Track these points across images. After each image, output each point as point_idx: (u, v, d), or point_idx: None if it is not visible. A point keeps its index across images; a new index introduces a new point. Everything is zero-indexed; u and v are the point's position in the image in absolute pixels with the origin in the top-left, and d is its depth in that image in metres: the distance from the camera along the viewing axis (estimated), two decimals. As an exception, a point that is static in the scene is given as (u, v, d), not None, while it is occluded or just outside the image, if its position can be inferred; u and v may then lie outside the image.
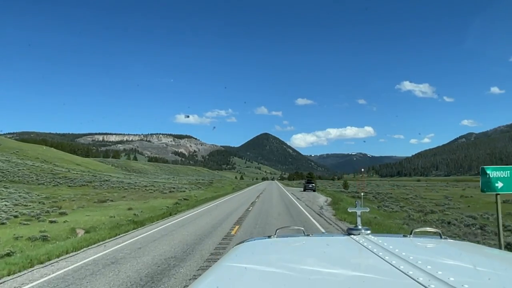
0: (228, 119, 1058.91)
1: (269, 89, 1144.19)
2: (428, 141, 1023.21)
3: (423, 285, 1.08)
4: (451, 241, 2.01)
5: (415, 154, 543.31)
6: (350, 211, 2.32)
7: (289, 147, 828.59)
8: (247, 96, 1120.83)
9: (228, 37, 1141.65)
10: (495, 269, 1.43)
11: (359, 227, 1.96)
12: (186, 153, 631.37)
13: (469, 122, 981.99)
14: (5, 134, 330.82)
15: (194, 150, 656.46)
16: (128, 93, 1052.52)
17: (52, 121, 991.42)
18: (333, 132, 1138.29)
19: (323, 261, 1.58)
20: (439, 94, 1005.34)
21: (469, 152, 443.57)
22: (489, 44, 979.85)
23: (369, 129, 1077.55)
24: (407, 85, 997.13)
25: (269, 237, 2.06)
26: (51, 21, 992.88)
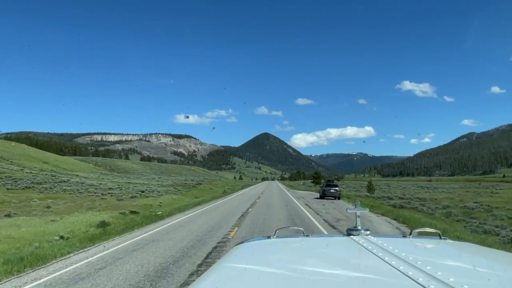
0: (228, 119, 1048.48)
1: (269, 89, 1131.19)
2: (428, 140, 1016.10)
3: (422, 286, 1.08)
4: (451, 241, 2.00)
5: (417, 153, 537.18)
6: (349, 211, 2.19)
7: (290, 147, 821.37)
8: (247, 96, 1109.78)
9: (228, 37, 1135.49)
10: (494, 269, 1.43)
11: (359, 228, 1.93)
12: (185, 153, 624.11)
13: (469, 122, 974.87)
14: (3, 134, 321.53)
15: (193, 150, 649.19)
16: (128, 94, 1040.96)
17: (51, 121, 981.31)
18: (333, 132, 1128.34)
19: (323, 261, 1.59)
20: (439, 93, 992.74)
21: (472, 151, 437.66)
22: (489, 43, 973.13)
23: (369, 129, 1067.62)
24: (407, 85, 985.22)
25: (268, 237, 2.04)
26: (51, 22, 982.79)
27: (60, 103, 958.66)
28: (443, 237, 1.94)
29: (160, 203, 23.78)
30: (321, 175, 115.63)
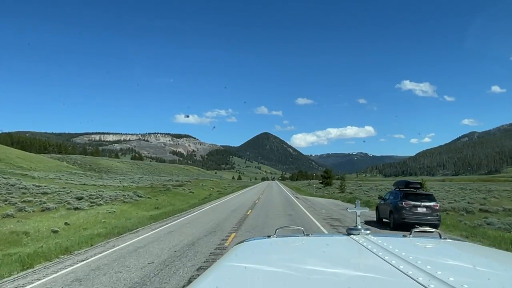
0: (228, 119, 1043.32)
1: (269, 89, 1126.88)
2: (428, 140, 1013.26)
3: (422, 285, 1.07)
4: (451, 241, 1.99)
5: (418, 153, 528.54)
6: (349, 211, 2.22)
7: (290, 147, 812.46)
8: (247, 96, 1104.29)
9: (228, 37, 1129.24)
10: (494, 269, 1.43)
11: (359, 227, 1.93)
12: (184, 153, 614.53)
13: (469, 121, 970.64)
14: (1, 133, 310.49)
15: (193, 149, 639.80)
16: (127, 93, 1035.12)
17: (50, 121, 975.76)
18: (334, 131, 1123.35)
19: (323, 261, 1.58)
20: (439, 93, 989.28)
21: (476, 150, 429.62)
22: (489, 42, 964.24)
23: (369, 129, 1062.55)
24: (408, 84, 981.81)
25: (269, 237, 2.03)
26: (50, 21, 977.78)
27: (59, 103, 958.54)
28: (443, 237, 1.95)
29: (65, 224, 13.48)
30: (332, 175, 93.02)
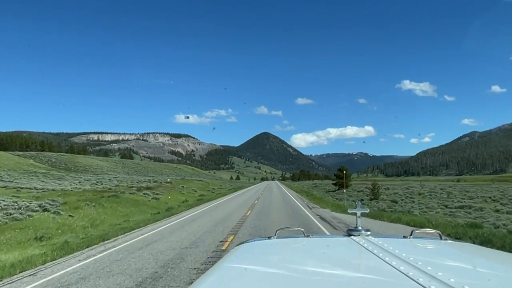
0: (228, 119, 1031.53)
1: (269, 89, 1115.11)
2: (428, 140, 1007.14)
3: (423, 286, 1.07)
4: (451, 242, 2.00)
5: (420, 152, 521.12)
6: (350, 212, 2.23)
7: (290, 147, 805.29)
8: (247, 96, 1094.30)
9: (228, 37, 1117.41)
10: (495, 270, 1.43)
11: (359, 228, 1.93)
12: (183, 153, 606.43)
13: (469, 121, 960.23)
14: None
15: (192, 149, 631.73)
16: (128, 93, 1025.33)
17: (49, 121, 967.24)
18: (334, 131, 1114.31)
19: (323, 262, 1.58)
20: (439, 93, 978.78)
21: (479, 150, 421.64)
22: (490, 42, 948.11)
23: (369, 129, 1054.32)
24: (408, 84, 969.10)
25: (269, 238, 2.04)
26: (51, 22, 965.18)
27: (59, 103, 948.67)
28: (443, 238, 1.93)
29: None
30: (350, 175, 72.37)
